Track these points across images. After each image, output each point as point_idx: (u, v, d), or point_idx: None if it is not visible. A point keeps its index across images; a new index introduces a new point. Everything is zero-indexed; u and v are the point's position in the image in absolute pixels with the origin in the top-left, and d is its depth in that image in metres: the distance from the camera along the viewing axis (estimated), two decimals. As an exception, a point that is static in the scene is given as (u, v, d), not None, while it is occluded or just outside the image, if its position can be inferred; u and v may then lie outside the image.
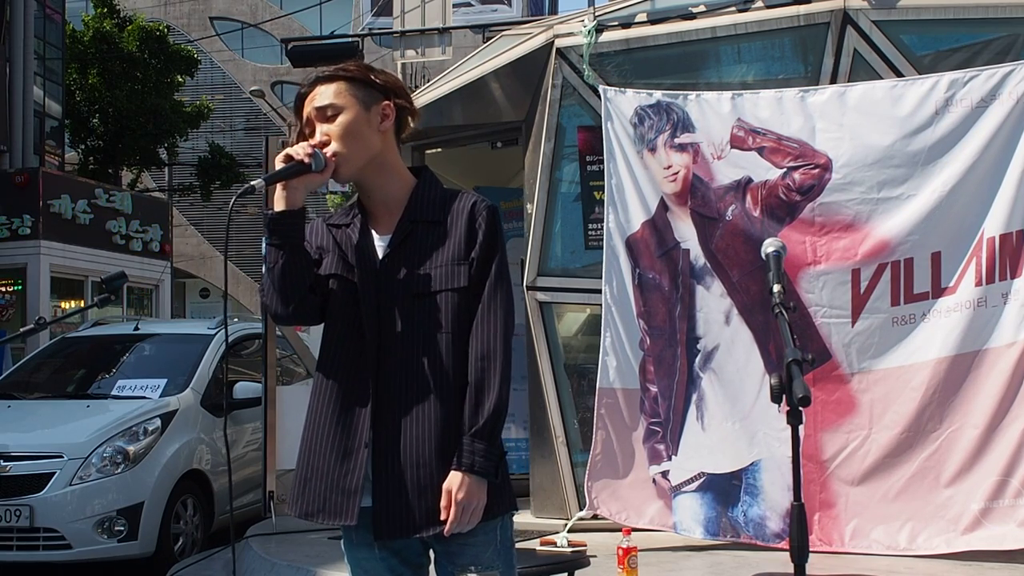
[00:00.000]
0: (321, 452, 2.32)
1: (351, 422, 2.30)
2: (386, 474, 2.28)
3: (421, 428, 2.28)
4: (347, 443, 2.30)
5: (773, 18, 5.71)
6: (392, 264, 2.33)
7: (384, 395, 2.29)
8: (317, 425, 2.35)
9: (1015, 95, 4.95)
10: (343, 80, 2.38)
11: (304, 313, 2.39)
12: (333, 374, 2.35)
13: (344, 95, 2.37)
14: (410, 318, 2.31)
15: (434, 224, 2.36)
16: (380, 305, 2.31)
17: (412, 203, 2.39)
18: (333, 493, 2.30)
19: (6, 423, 6.68)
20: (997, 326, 4.92)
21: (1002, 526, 4.84)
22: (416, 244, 2.34)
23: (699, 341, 5.33)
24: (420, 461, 2.27)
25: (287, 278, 2.32)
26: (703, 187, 5.33)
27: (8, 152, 17.95)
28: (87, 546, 6.06)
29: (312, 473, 2.33)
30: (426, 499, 2.26)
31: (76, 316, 14.65)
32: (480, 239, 2.35)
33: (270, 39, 33.96)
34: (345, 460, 2.29)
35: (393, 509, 2.27)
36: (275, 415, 6.18)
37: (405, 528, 2.28)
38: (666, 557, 5.12)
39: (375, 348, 2.30)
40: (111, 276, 5.44)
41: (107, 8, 23.33)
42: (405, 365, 2.30)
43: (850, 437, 5.08)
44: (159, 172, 29.66)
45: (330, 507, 2.31)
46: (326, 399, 2.35)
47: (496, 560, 2.33)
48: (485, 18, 18.15)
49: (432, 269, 2.33)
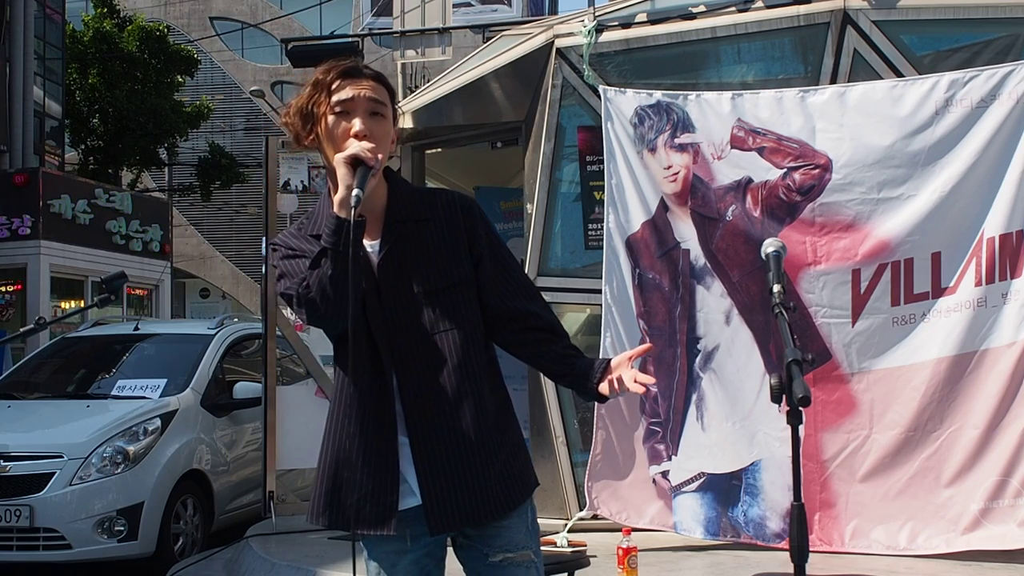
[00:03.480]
0: (349, 462, 2.30)
1: (379, 430, 2.28)
2: (432, 469, 2.26)
3: (461, 419, 2.28)
4: (377, 451, 2.28)
5: (773, 18, 5.71)
6: (388, 267, 2.31)
7: (410, 396, 2.27)
8: (342, 435, 2.32)
9: (1015, 95, 4.95)
10: (388, 91, 2.36)
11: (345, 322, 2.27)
12: (352, 383, 2.31)
13: (388, 104, 2.35)
14: (419, 318, 2.30)
15: (420, 223, 2.35)
16: (385, 309, 2.29)
17: (392, 204, 2.36)
18: (367, 503, 2.28)
19: (6, 423, 6.68)
20: (997, 326, 4.92)
21: (1002, 526, 4.85)
22: (407, 244, 2.33)
23: (699, 341, 5.33)
24: (471, 450, 2.27)
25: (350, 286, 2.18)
26: (703, 187, 5.33)
27: (8, 152, 17.95)
28: (87, 546, 6.06)
29: (342, 483, 2.30)
30: (490, 484, 2.28)
31: (76, 316, 14.65)
32: (481, 235, 2.37)
33: (270, 39, 33.95)
34: (377, 469, 2.27)
35: (451, 501, 2.26)
36: (275, 415, 6.18)
37: (470, 517, 2.28)
38: (666, 557, 5.12)
39: (389, 352, 2.28)
40: (111, 276, 5.44)
41: (107, 8, 23.35)
42: (425, 364, 2.28)
43: (850, 437, 5.08)
44: (159, 172, 29.66)
45: (365, 517, 2.28)
46: (348, 408, 2.31)
47: (529, 541, 2.36)
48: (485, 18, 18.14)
49: (430, 267, 2.32)
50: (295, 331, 6.52)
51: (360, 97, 2.29)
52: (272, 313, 6.29)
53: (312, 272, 2.20)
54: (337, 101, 2.29)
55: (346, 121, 2.28)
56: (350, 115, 2.29)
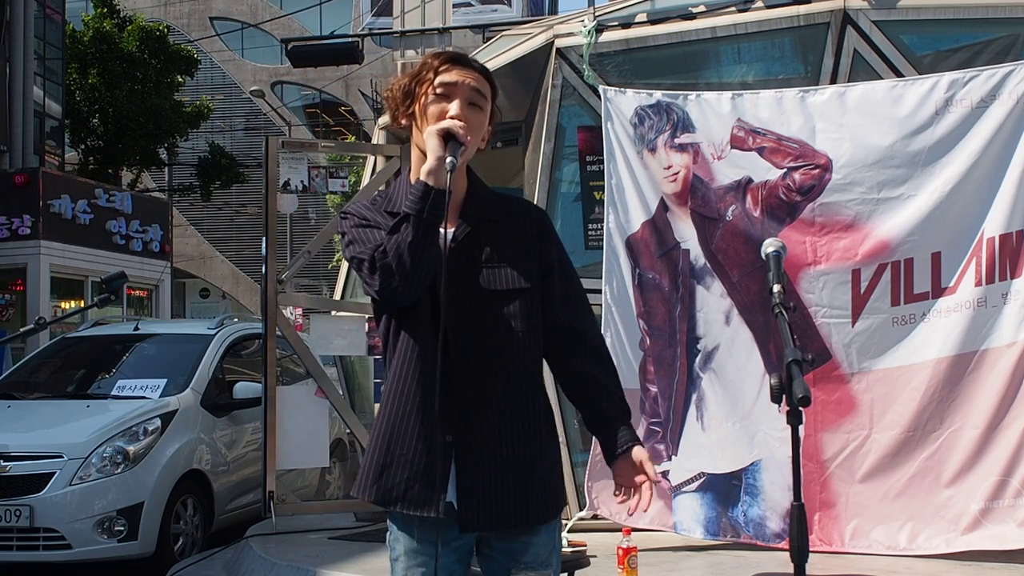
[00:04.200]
0: (403, 439, 2.27)
1: (432, 414, 2.25)
2: (473, 465, 2.26)
3: (509, 422, 2.28)
4: (429, 434, 2.26)
5: (773, 18, 5.72)
6: (459, 258, 2.29)
7: (463, 390, 2.26)
8: (397, 412, 2.29)
9: (1015, 95, 4.95)
10: (491, 88, 2.38)
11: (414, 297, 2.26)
12: (409, 364, 2.29)
13: (488, 100, 2.37)
14: (481, 314, 2.29)
15: (494, 223, 2.36)
16: (451, 297, 2.26)
17: (470, 200, 2.37)
18: (416, 483, 2.25)
19: (6, 423, 6.68)
20: (997, 326, 4.92)
21: (1002, 526, 4.85)
22: (479, 241, 2.33)
23: (699, 341, 5.33)
24: (513, 454, 2.28)
25: (429, 255, 2.19)
26: (703, 187, 5.33)
27: (8, 152, 17.95)
28: (87, 546, 6.05)
29: (392, 460, 2.28)
30: (527, 492, 2.29)
31: (76, 316, 14.65)
32: (552, 248, 2.41)
33: (270, 39, 33.97)
34: (429, 451, 2.25)
35: (486, 501, 2.25)
36: (275, 415, 6.17)
37: (502, 520, 2.27)
38: (666, 557, 5.12)
39: (448, 341, 2.25)
40: (111, 276, 5.45)
41: (107, 8, 23.35)
42: (481, 360, 2.28)
43: (850, 437, 5.08)
44: (159, 172, 29.68)
45: (412, 497, 2.26)
46: (406, 388, 2.29)
47: (551, 558, 2.36)
48: (485, 18, 18.17)
49: (499, 268, 2.32)
50: (295, 331, 6.52)
51: (463, 83, 2.32)
52: (272, 313, 6.28)
53: (390, 237, 2.19)
54: (441, 82, 2.32)
55: (445, 103, 2.31)
56: (449, 98, 2.31)
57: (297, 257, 6.73)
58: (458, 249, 2.30)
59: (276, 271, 6.35)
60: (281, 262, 6.81)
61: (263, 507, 6.19)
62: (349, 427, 6.63)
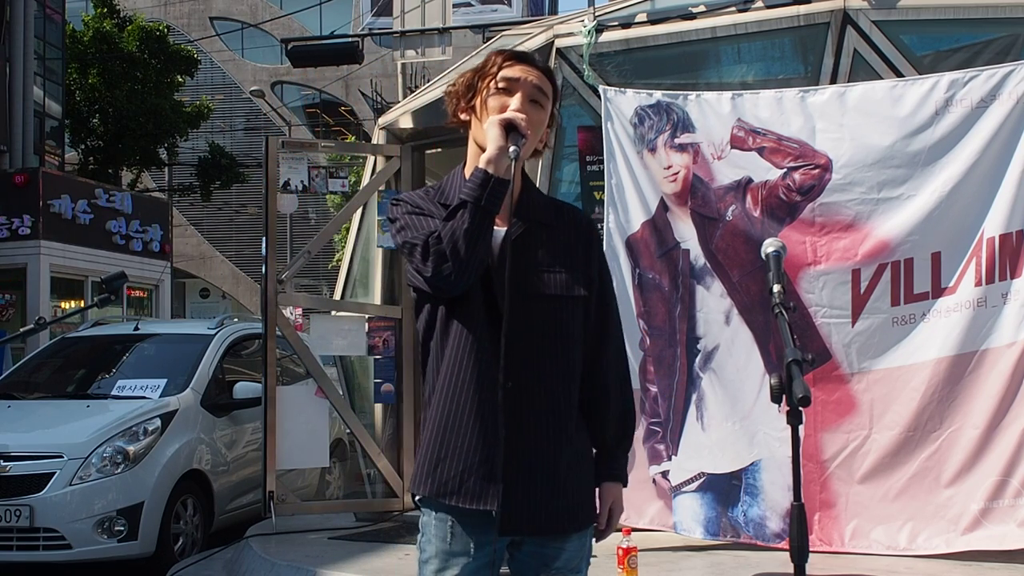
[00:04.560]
0: (458, 432, 2.25)
1: (487, 410, 2.24)
2: (517, 467, 2.23)
3: (554, 428, 2.28)
4: (485, 427, 2.23)
5: (773, 18, 5.72)
6: (513, 254, 2.25)
7: (517, 389, 2.24)
8: (453, 405, 2.27)
9: (1015, 95, 4.94)
10: (552, 88, 2.38)
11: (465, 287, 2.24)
12: (464, 357, 2.26)
13: (550, 99, 2.37)
14: (535, 315, 2.28)
15: (547, 227, 2.35)
16: (505, 293, 2.23)
17: (524, 201, 2.36)
18: (471, 475, 2.23)
19: (6, 423, 6.68)
20: (997, 326, 4.92)
21: (1002, 526, 4.84)
22: (534, 242, 2.31)
23: (699, 341, 5.33)
24: (556, 458, 2.27)
25: (484, 244, 2.18)
26: (703, 187, 5.33)
27: (8, 152, 17.95)
28: (87, 546, 6.05)
29: (448, 453, 2.26)
30: (566, 498, 2.29)
31: (76, 316, 14.65)
32: (599, 257, 2.44)
33: (270, 39, 33.98)
34: (485, 444, 2.23)
35: (526, 504, 2.24)
36: (275, 415, 6.17)
37: (541, 525, 2.26)
38: (666, 557, 5.12)
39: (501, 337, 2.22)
40: (111, 276, 5.46)
41: (107, 8, 23.36)
42: (531, 362, 2.26)
43: (850, 437, 5.08)
44: (159, 172, 29.68)
45: (468, 489, 2.23)
46: (461, 381, 2.26)
47: (582, 565, 2.36)
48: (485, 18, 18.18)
49: (550, 272, 2.31)
50: (295, 331, 6.51)
51: (525, 80, 2.32)
52: (272, 313, 6.28)
53: (446, 224, 2.18)
54: (503, 77, 2.32)
55: (506, 97, 2.31)
56: (511, 93, 2.31)
57: (297, 257, 6.73)
58: (511, 249, 2.26)
59: (276, 271, 6.35)
60: (281, 262, 6.81)
61: (263, 507, 6.19)
62: (349, 427, 6.62)
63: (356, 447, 6.89)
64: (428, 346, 2.35)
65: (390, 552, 5.50)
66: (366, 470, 6.85)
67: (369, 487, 6.85)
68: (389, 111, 7.28)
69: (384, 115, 7.17)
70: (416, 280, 2.29)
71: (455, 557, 2.27)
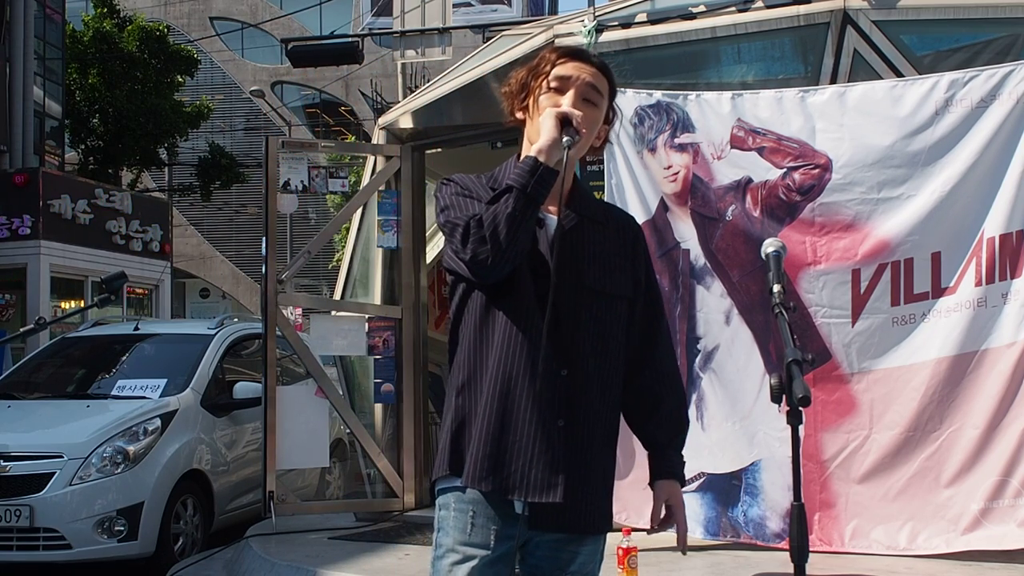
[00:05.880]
0: (516, 425, 2.19)
1: (544, 399, 2.18)
2: (571, 462, 2.22)
3: (597, 425, 2.26)
4: (544, 419, 2.18)
5: (773, 18, 5.71)
6: (565, 244, 2.24)
7: (567, 378, 2.21)
8: (507, 397, 2.19)
9: (1015, 95, 4.94)
10: (611, 85, 2.35)
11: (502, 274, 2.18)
12: (515, 348, 2.20)
13: (605, 96, 2.33)
14: (584, 310, 2.25)
15: (598, 224, 2.33)
16: (557, 283, 2.19)
17: (575, 196, 2.34)
18: (534, 468, 2.17)
19: (6, 423, 6.68)
20: (997, 326, 4.92)
21: (1002, 526, 4.84)
22: (582, 236, 2.29)
23: (699, 341, 5.33)
24: (590, 458, 2.25)
25: (528, 231, 2.15)
26: (703, 187, 5.33)
27: (8, 152, 17.94)
28: (87, 546, 6.05)
29: (507, 447, 2.18)
30: (605, 497, 2.29)
31: (76, 316, 14.64)
32: (643, 265, 2.39)
33: (270, 39, 33.97)
34: (546, 435, 2.18)
35: (576, 501, 2.22)
36: (275, 415, 6.17)
37: (569, 523, 2.24)
38: (666, 557, 5.11)
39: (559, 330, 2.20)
40: (111, 276, 5.46)
41: (107, 8, 23.34)
42: (579, 355, 2.23)
43: (850, 437, 5.08)
44: (159, 172, 29.67)
45: (531, 483, 2.17)
46: (514, 372, 2.19)
47: (595, 569, 2.34)
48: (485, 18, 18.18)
49: (600, 269, 2.28)
50: (295, 331, 6.51)
51: (578, 79, 2.28)
52: (272, 313, 6.28)
53: (488, 207, 2.14)
54: (556, 75, 2.29)
55: (558, 96, 2.28)
56: (562, 92, 2.28)
57: (297, 257, 6.73)
58: (565, 238, 2.24)
59: (276, 271, 6.35)
60: (281, 262, 6.81)
61: (263, 507, 6.19)
62: (349, 427, 6.63)
63: (356, 447, 6.89)
64: (458, 333, 2.30)
65: (390, 552, 5.49)
66: (366, 470, 6.84)
67: (369, 487, 6.85)
68: (389, 111, 7.27)
69: (384, 115, 7.17)
70: (454, 263, 2.25)
71: (471, 548, 2.22)
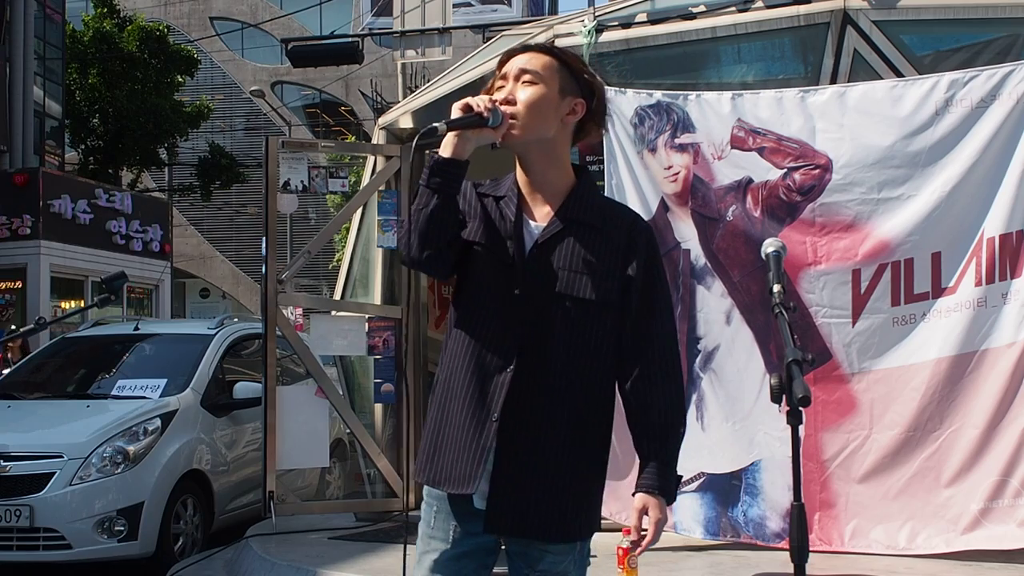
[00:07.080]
0: (454, 421, 2.29)
1: (485, 396, 2.26)
2: (510, 466, 2.24)
3: (558, 429, 2.26)
4: (478, 414, 2.26)
5: (773, 18, 5.71)
6: (541, 254, 2.28)
7: (520, 383, 2.24)
8: (451, 393, 2.31)
9: (1015, 95, 4.94)
10: (556, 59, 2.39)
11: (435, 265, 2.30)
12: (469, 346, 2.30)
13: (549, 71, 2.37)
14: (554, 317, 2.27)
15: (590, 229, 2.33)
16: (524, 292, 2.26)
17: (570, 200, 2.36)
18: (459, 462, 2.26)
19: (6, 423, 6.68)
20: (997, 326, 4.92)
21: (1002, 526, 4.84)
22: (569, 243, 2.30)
23: (699, 341, 5.33)
24: (552, 464, 2.25)
25: (432, 223, 2.24)
26: (703, 187, 5.33)
27: (8, 152, 17.95)
28: (87, 546, 6.05)
29: (443, 441, 2.30)
30: (561, 504, 2.26)
31: (76, 316, 14.65)
32: (639, 261, 2.33)
33: (270, 39, 33.98)
34: (476, 430, 2.25)
35: (512, 505, 2.23)
36: (275, 415, 6.17)
37: (523, 528, 2.25)
38: (666, 557, 5.12)
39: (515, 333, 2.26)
40: (111, 276, 5.47)
41: (107, 8, 23.37)
42: (541, 360, 2.26)
43: (850, 437, 5.08)
44: (159, 172, 29.69)
45: (454, 475, 2.26)
46: (462, 369, 2.30)
47: (572, 570, 2.32)
48: (485, 18, 18.18)
49: (582, 275, 2.28)
50: (295, 331, 6.50)
51: (511, 70, 2.37)
52: (272, 313, 6.28)
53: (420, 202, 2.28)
54: (500, 76, 2.39)
55: None
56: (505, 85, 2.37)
57: (297, 257, 6.73)
58: (540, 249, 2.29)
59: (276, 271, 6.35)
60: (281, 262, 6.80)
61: (263, 507, 6.19)
62: (349, 427, 6.62)
63: (356, 447, 6.89)
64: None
65: (390, 552, 5.49)
66: (366, 470, 6.84)
67: (369, 487, 6.84)
68: (389, 111, 7.27)
69: (384, 115, 7.17)
70: None
71: (434, 541, 2.31)
